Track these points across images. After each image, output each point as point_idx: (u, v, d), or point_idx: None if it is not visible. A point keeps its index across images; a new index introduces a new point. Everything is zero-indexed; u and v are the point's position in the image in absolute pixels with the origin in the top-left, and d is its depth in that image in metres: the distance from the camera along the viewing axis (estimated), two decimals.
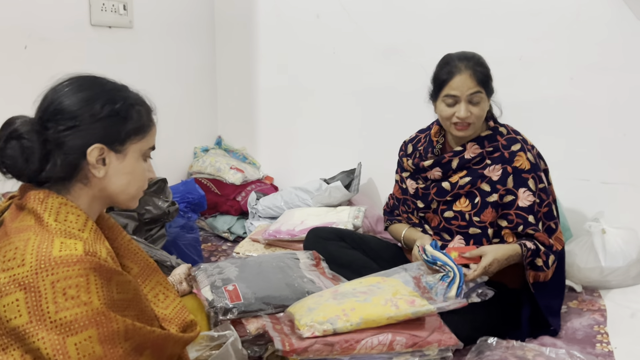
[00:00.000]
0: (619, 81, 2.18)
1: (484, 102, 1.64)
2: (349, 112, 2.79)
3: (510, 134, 1.72)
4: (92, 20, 2.31)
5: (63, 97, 0.97)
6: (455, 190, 1.71)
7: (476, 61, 1.64)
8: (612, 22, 2.16)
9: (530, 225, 1.64)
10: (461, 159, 1.69)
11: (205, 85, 3.07)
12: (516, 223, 1.65)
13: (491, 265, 1.57)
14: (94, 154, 0.98)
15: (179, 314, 1.10)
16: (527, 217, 1.64)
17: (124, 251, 1.10)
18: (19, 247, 0.88)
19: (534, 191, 1.65)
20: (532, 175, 1.65)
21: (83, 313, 0.85)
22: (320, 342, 1.34)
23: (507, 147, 1.68)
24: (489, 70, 1.66)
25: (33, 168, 0.95)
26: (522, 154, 1.66)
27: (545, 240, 1.66)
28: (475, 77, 1.61)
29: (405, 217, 1.90)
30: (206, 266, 1.66)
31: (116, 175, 1.02)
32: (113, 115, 0.99)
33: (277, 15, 2.87)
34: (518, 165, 1.65)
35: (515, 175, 1.65)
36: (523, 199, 1.64)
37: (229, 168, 2.87)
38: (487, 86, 1.63)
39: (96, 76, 1.04)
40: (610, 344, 1.70)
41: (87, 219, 0.97)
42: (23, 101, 1.09)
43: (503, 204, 1.66)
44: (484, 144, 1.69)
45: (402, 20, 2.55)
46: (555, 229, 1.70)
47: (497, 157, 1.67)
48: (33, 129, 0.95)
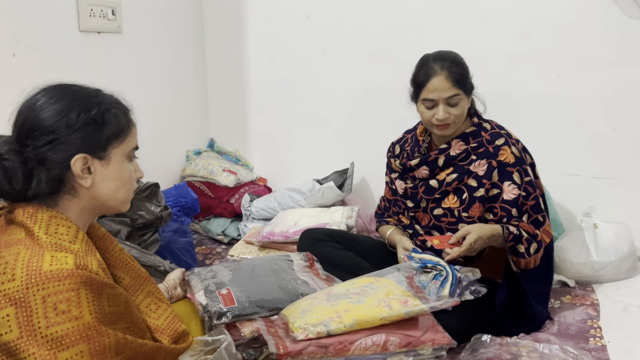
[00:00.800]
0: (608, 77, 2.19)
1: (462, 102, 1.65)
2: (340, 113, 2.80)
3: (494, 129, 1.73)
4: (80, 26, 2.31)
5: (37, 111, 0.96)
6: (443, 187, 1.73)
7: (451, 61, 1.64)
8: (599, 18, 2.17)
9: (512, 218, 1.66)
10: (447, 157, 1.71)
11: (196, 88, 3.07)
12: (500, 216, 1.67)
13: (476, 242, 1.59)
14: (77, 164, 0.97)
15: (171, 324, 1.09)
16: (510, 210, 1.66)
17: (115, 261, 1.10)
18: (9, 262, 0.88)
19: (519, 184, 1.66)
20: (517, 169, 1.67)
21: (74, 328, 0.85)
22: (315, 344, 1.34)
23: (491, 142, 1.69)
24: (465, 69, 1.66)
25: (18, 188, 0.94)
26: (507, 148, 1.67)
27: (529, 230, 1.67)
28: (451, 79, 1.61)
29: (395, 218, 1.91)
30: (200, 270, 1.66)
31: (103, 182, 1.01)
32: (90, 123, 0.98)
33: (267, 16, 2.87)
34: (503, 159, 1.67)
35: (500, 169, 1.66)
36: (508, 192, 1.66)
37: (221, 170, 2.87)
38: (465, 86, 1.64)
39: (67, 84, 1.02)
40: (604, 338, 1.71)
41: (78, 230, 0.97)
42: (12, 109, 1.08)
43: (489, 197, 1.68)
44: (469, 140, 1.70)
45: (390, 21, 2.56)
46: (543, 222, 1.71)
47: (481, 152, 1.69)
48: (12, 148, 0.94)
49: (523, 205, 1.66)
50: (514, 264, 1.68)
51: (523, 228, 1.66)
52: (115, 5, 2.45)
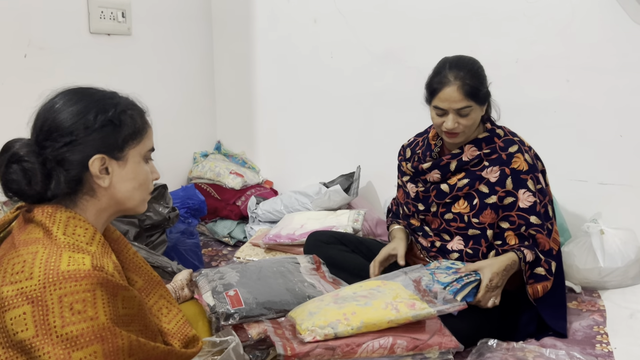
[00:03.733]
0: (615, 83, 2.19)
1: (473, 113, 1.63)
2: (347, 116, 2.80)
3: (508, 136, 1.73)
4: (91, 28, 2.33)
5: (55, 114, 0.97)
6: (454, 192, 1.73)
7: (467, 71, 1.62)
8: (607, 23, 2.17)
9: (532, 226, 1.65)
10: (459, 161, 1.71)
11: (203, 90, 3.08)
12: (518, 224, 1.65)
13: (492, 281, 1.57)
14: (95, 165, 0.98)
15: (182, 328, 1.10)
16: (528, 217, 1.65)
17: (129, 264, 1.11)
18: (27, 260, 0.89)
19: (534, 192, 1.65)
20: (531, 176, 1.66)
21: (89, 328, 0.86)
22: (322, 346, 1.34)
23: (504, 148, 1.69)
24: (480, 80, 1.64)
25: (37, 189, 0.95)
26: (520, 155, 1.67)
27: (545, 244, 1.66)
28: (462, 91, 1.60)
29: (405, 223, 1.91)
30: (207, 271, 1.67)
31: (121, 182, 1.02)
32: (107, 124, 0.99)
33: (275, 20, 2.89)
34: (516, 166, 1.66)
35: (513, 177, 1.66)
36: (524, 200, 1.65)
37: (228, 173, 2.88)
38: (477, 97, 1.62)
39: (84, 87, 1.04)
40: (610, 344, 1.71)
41: (95, 232, 0.98)
42: (24, 110, 1.09)
43: (503, 205, 1.67)
44: (482, 146, 1.70)
45: (398, 24, 2.57)
46: (551, 230, 1.71)
47: (494, 159, 1.68)
48: (31, 150, 0.96)
49: (539, 213, 1.65)
50: (532, 294, 1.66)
51: (540, 241, 1.64)
52: (125, 8, 2.47)
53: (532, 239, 1.66)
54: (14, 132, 1.08)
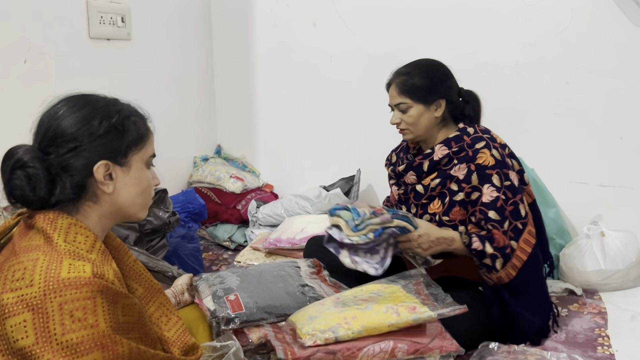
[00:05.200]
0: (615, 85, 2.19)
1: (412, 110, 1.72)
2: (347, 119, 2.81)
3: (477, 133, 1.73)
4: (90, 33, 2.33)
5: (59, 120, 0.98)
6: (428, 192, 1.75)
7: (410, 71, 1.74)
8: (606, 26, 2.17)
9: (490, 221, 1.63)
10: (431, 161, 1.73)
11: (204, 94, 3.09)
12: (479, 219, 1.65)
13: (421, 237, 1.60)
14: (100, 170, 0.99)
15: (181, 336, 1.10)
16: (487, 212, 1.64)
17: (129, 272, 1.11)
18: (27, 267, 0.89)
19: (499, 187, 1.65)
20: (497, 171, 1.65)
21: (89, 336, 0.85)
22: (323, 350, 1.34)
23: (471, 145, 1.69)
24: (423, 79, 1.72)
25: (41, 194, 0.95)
26: (486, 151, 1.66)
27: (500, 241, 1.63)
28: (397, 88, 1.74)
29: None
30: (207, 276, 1.67)
31: (124, 188, 1.03)
32: (111, 130, 1.00)
33: (275, 24, 2.89)
34: (481, 162, 1.66)
35: (478, 172, 1.66)
36: (487, 195, 1.64)
37: (228, 177, 2.88)
38: (414, 95, 1.71)
39: (87, 94, 1.04)
40: (612, 347, 1.70)
41: (96, 239, 0.98)
42: (24, 115, 1.09)
43: (471, 201, 1.67)
44: (451, 144, 1.72)
45: (397, 28, 2.57)
46: (523, 230, 1.66)
47: (462, 157, 1.69)
48: (35, 156, 0.95)
49: (504, 209, 1.64)
50: (487, 278, 1.66)
51: (495, 237, 1.63)
52: (125, 13, 2.47)
53: (488, 233, 1.64)
54: (14, 137, 1.09)
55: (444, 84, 1.74)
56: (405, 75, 1.74)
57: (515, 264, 1.63)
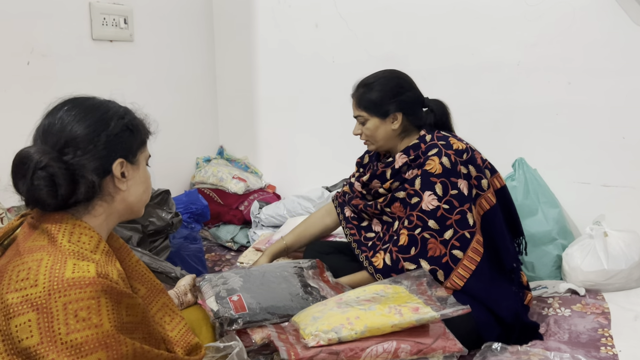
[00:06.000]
0: (617, 85, 2.19)
1: (369, 123, 1.78)
2: (349, 120, 2.79)
3: (433, 140, 1.73)
4: (93, 35, 2.34)
5: (72, 123, 0.99)
6: (390, 193, 1.78)
7: (364, 85, 1.79)
8: (608, 26, 2.17)
9: (428, 229, 1.64)
10: (392, 169, 1.77)
11: (206, 95, 3.09)
12: (415, 225, 1.65)
13: None
14: (117, 169, 1.01)
15: (184, 336, 1.11)
16: (427, 220, 1.64)
17: (131, 272, 1.12)
18: (32, 268, 0.89)
19: (440, 196, 1.64)
20: (442, 180, 1.65)
21: (93, 335, 0.86)
22: (326, 351, 1.34)
23: (425, 152, 1.71)
24: (378, 94, 1.76)
25: (63, 193, 0.95)
26: (435, 158, 1.67)
27: (436, 250, 1.63)
28: (355, 102, 1.81)
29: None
30: (210, 277, 1.67)
31: (135, 186, 1.06)
32: (125, 129, 1.03)
33: (277, 25, 2.89)
34: (428, 168, 1.67)
35: (423, 178, 1.67)
36: (427, 202, 1.65)
37: (231, 177, 2.88)
38: (370, 109, 1.77)
39: (87, 96, 1.06)
40: (615, 347, 1.70)
41: (100, 240, 0.99)
42: (27, 117, 1.09)
43: (409, 204, 1.69)
44: (410, 152, 1.75)
45: (400, 28, 2.57)
46: (471, 239, 1.64)
47: (417, 164, 1.72)
48: (53, 157, 0.95)
49: (446, 218, 1.63)
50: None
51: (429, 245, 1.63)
52: (127, 14, 2.48)
53: (423, 242, 1.64)
54: (18, 138, 1.09)
55: (399, 98, 1.76)
56: (363, 88, 1.79)
57: (461, 274, 1.64)
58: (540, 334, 1.76)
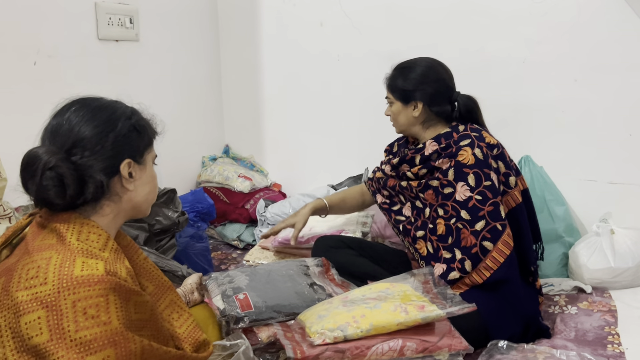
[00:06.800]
0: (624, 81, 2.18)
1: (394, 106, 1.85)
2: (354, 118, 2.81)
3: (466, 131, 1.75)
4: (99, 35, 2.35)
5: (80, 124, 0.99)
6: (417, 179, 1.82)
7: (396, 70, 1.86)
8: (614, 22, 2.16)
9: (461, 220, 1.66)
10: (422, 156, 1.79)
11: (211, 94, 3.10)
12: (450, 215, 1.68)
13: None
14: (125, 169, 1.02)
15: (192, 333, 1.11)
16: (460, 210, 1.66)
17: (139, 270, 1.12)
18: (41, 266, 0.90)
19: (473, 187, 1.66)
20: (475, 171, 1.66)
21: (102, 333, 0.87)
22: (331, 349, 1.35)
23: (457, 142, 1.73)
24: (405, 80, 1.81)
25: (72, 194, 0.96)
26: (468, 149, 1.68)
27: (468, 240, 1.65)
28: (386, 85, 1.88)
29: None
30: (217, 275, 1.68)
31: (142, 186, 1.07)
32: (132, 130, 1.04)
33: (281, 23, 2.90)
34: (461, 159, 1.68)
35: (456, 169, 1.69)
36: (460, 193, 1.67)
37: (237, 176, 2.89)
38: (397, 93, 1.83)
39: (95, 97, 1.06)
40: (622, 344, 1.70)
41: (108, 238, 0.99)
42: (34, 117, 1.10)
43: (443, 193, 1.71)
44: (441, 140, 1.76)
45: (405, 26, 2.57)
46: (502, 231, 1.65)
47: (448, 152, 1.73)
48: (62, 157, 0.96)
49: (478, 209, 1.64)
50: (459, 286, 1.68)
51: (462, 235, 1.65)
52: (133, 14, 2.49)
53: (457, 232, 1.67)
54: (25, 138, 1.10)
55: (423, 87, 1.78)
56: (395, 71, 1.86)
57: (489, 265, 1.64)
58: (549, 334, 1.76)
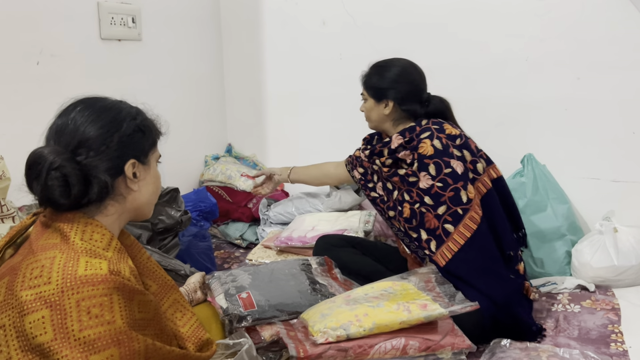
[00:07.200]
0: (627, 79, 2.18)
1: (367, 103, 1.96)
2: (357, 117, 2.80)
3: (427, 125, 1.82)
4: (101, 34, 2.35)
5: (86, 124, 0.99)
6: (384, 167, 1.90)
7: (372, 70, 1.96)
8: (616, 20, 2.16)
9: (424, 205, 1.76)
10: (389, 149, 1.86)
11: (214, 94, 3.10)
12: (415, 200, 1.78)
13: None
14: (129, 169, 1.02)
15: (195, 332, 1.11)
16: (424, 196, 1.76)
17: (143, 269, 1.12)
18: (45, 265, 0.90)
19: (434, 176, 1.75)
20: (435, 161, 1.75)
21: (106, 332, 0.87)
22: (334, 348, 1.35)
23: (418, 135, 1.80)
24: (378, 78, 1.92)
25: (76, 194, 0.96)
26: (427, 141, 1.77)
27: (432, 222, 1.74)
28: (362, 82, 1.98)
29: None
30: (220, 274, 1.68)
31: (146, 186, 1.08)
32: (137, 130, 1.04)
33: (284, 22, 2.90)
34: (421, 151, 1.77)
35: (418, 161, 1.78)
36: (423, 181, 1.76)
37: (239, 175, 2.89)
38: (369, 89, 1.94)
39: (100, 97, 1.07)
40: (625, 343, 1.69)
41: (112, 238, 0.99)
42: (37, 116, 1.10)
43: (408, 181, 1.81)
44: (405, 134, 1.84)
45: (407, 24, 2.57)
46: (463, 215, 1.72)
47: (411, 145, 1.81)
48: (67, 157, 0.96)
49: (440, 195, 1.74)
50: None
51: (426, 218, 1.74)
52: (135, 14, 2.49)
53: (421, 215, 1.76)
54: (28, 138, 1.10)
55: (395, 87, 1.88)
56: (371, 69, 1.96)
57: (450, 247, 1.71)
58: (534, 335, 1.72)
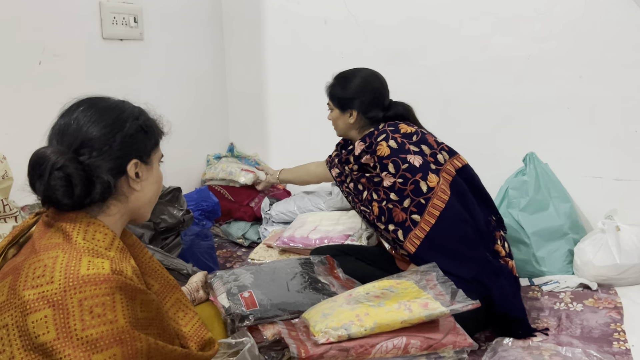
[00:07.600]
0: (629, 78, 2.17)
1: (333, 113, 2.05)
2: None
3: (384, 127, 1.91)
4: (103, 34, 2.35)
5: (88, 124, 0.99)
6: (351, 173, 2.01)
7: (335, 81, 2.04)
8: (619, 17, 2.15)
9: (391, 201, 1.86)
10: (353, 156, 1.96)
11: (215, 93, 3.10)
12: (382, 198, 1.88)
13: None
14: (132, 169, 1.02)
15: (198, 331, 1.12)
16: (389, 194, 1.86)
17: (145, 268, 1.13)
18: (47, 265, 0.90)
19: (394, 173, 1.85)
20: (392, 159, 1.85)
21: (108, 331, 0.87)
22: (336, 347, 1.35)
23: (376, 138, 1.89)
24: (341, 89, 2.00)
25: (80, 194, 0.96)
26: (383, 143, 1.86)
27: (399, 216, 1.84)
28: (327, 93, 2.06)
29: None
30: (222, 273, 1.68)
31: (148, 186, 1.08)
32: (140, 130, 1.04)
33: (285, 21, 2.90)
34: (379, 153, 1.87)
35: (378, 162, 1.87)
36: (386, 180, 1.86)
37: (240, 170, 2.88)
38: (334, 99, 2.02)
39: (102, 96, 1.07)
40: (627, 342, 1.69)
41: (114, 237, 1.00)
42: (39, 116, 1.10)
43: (374, 181, 1.91)
44: (366, 140, 1.92)
45: (409, 24, 2.56)
46: (426, 204, 1.82)
47: (371, 150, 1.89)
48: (70, 157, 0.96)
49: (403, 190, 1.84)
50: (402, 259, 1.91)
51: (394, 213, 1.84)
52: (137, 13, 2.49)
53: (389, 211, 1.86)
54: (31, 138, 1.11)
55: (359, 98, 1.97)
56: (335, 80, 2.04)
57: (418, 235, 1.81)
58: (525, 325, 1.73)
